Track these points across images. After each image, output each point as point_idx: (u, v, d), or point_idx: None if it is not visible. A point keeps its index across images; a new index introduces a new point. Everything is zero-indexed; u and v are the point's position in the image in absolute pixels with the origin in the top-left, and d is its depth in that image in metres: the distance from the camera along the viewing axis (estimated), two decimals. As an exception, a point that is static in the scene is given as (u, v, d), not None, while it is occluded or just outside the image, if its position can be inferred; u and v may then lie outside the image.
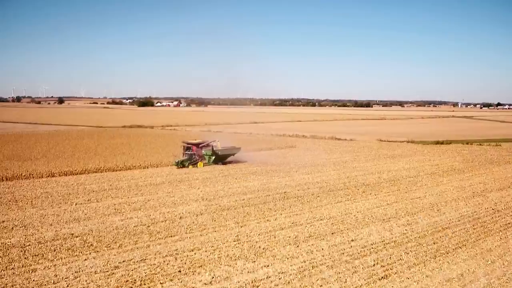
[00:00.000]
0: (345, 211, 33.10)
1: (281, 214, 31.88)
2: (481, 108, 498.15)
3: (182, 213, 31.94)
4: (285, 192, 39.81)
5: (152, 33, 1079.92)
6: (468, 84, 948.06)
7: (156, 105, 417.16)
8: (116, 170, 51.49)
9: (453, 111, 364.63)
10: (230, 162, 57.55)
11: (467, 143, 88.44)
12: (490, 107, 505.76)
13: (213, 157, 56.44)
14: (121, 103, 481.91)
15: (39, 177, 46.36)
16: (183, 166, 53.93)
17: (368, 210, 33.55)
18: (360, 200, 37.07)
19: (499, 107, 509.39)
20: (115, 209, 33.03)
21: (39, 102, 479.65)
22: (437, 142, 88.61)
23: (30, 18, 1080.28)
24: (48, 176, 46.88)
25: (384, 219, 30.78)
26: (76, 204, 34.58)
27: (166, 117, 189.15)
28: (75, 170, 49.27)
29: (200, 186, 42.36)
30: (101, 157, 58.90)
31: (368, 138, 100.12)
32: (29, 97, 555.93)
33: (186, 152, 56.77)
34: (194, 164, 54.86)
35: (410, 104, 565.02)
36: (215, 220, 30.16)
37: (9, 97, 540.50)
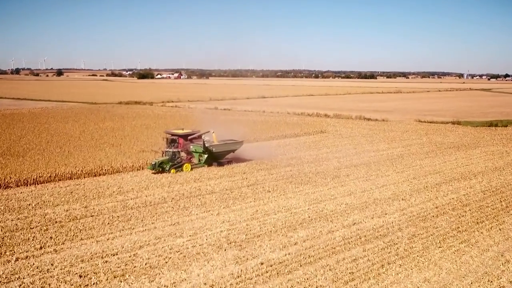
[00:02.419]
0: (488, 280, 18.87)
1: (377, 290, 17.73)
2: (488, 79, 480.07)
3: (200, 288, 17.80)
4: (354, 223, 25.62)
5: (154, 6, 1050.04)
6: (472, 55, 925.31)
7: (157, 77, 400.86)
8: (100, 175, 37.26)
9: (463, 83, 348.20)
10: (230, 161, 41.60)
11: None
12: (498, 79, 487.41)
13: (206, 156, 40.56)
14: (120, 75, 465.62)
15: (-14, 190, 32.26)
16: (163, 170, 37.90)
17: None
18: (486, 244, 22.84)
19: (507, 78, 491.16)
20: (80, 275, 18.87)
21: (37, 75, 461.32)
22: (490, 124, 74.22)
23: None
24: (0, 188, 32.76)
25: None
26: (16, 259, 20.40)
27: (166, 90, 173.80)
28: (41, 176, 34.93)
29: (219, 209, 28.19)
30: (82, 151, 44.56)
31: (400, 117, 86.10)
32: (28, 69, 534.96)
33: (169, 148, 40.01)
34: (179, 167, 38.79)
35: (414, 76, 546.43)
36: (263, 314, 16.03)
37: (8, 69, 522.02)
